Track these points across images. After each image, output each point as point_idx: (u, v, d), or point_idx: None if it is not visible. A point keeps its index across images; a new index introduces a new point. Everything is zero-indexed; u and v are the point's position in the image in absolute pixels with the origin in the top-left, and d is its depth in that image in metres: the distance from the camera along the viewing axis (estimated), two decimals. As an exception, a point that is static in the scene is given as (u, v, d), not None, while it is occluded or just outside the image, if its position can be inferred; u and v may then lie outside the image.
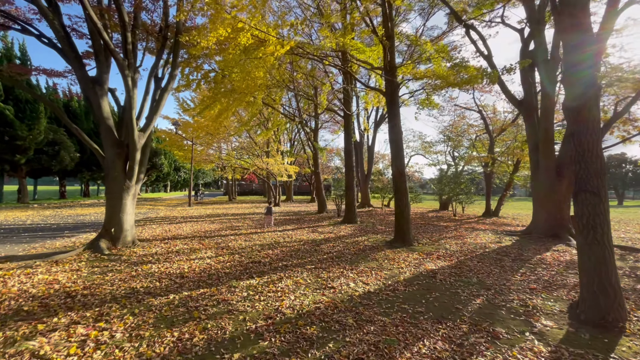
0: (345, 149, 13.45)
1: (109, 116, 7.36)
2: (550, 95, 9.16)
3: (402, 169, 8.36)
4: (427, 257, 6.96)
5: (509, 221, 14.74)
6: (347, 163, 13.29)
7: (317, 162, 18.01)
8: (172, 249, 7.51)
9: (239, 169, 33.21)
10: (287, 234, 10.10)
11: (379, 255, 7.06)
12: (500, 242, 8.83)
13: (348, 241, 8.85)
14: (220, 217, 15.20)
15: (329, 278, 5.32)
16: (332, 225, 12.27)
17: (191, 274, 5.52)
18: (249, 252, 7.36)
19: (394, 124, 8.35)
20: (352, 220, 12.91)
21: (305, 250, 7.56)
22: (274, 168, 24.75)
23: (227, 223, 12.88)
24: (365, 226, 12.11)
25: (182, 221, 13.49)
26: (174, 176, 51.87)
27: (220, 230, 10.75)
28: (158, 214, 17.00)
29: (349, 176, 13.22)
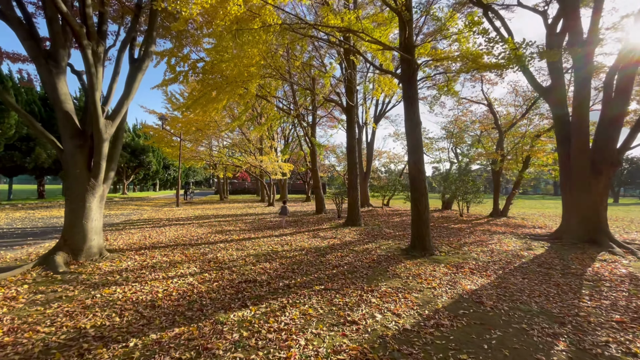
0: (348, 144, 12.21)
1: (68, 99, 5.97)
2: (586, 81, 8.07)
3: (421, 165, 7.16)
4: (457, 270, 5.78)
5: (520, 222, 13.73)
6: (350, 159, 12.06)
7: (315, 159, 16.74)
8: (148, 263, 6.17)
9: (231, 166, 31.82)
10: (285, 240, 8.83)
11: (399, 269, 5.85)
12: (531, 249, 7.72)
13: (357, 249, 7.63)
14: (210, 219, 13.83)
15: (346, 305, 4.08)
16: (334, 229, 11.04)
17: (166, 301, 4.22)
18: (241, 265, 6.07)
19: (412, 113, 7.14)
20: (356, 223, 11.70)
21: (310, 263, 6.30)
22: (267, 166, 23.40)
23: (217, 226, 11.54)
24: (371, 229, 10.90)
25: (166, 224, 12.09)
26: (163, 174, 50.01)
27: (209, 236, 9.41)
28: (142, 215, 15.54)
29: (352, 174, 11.99)
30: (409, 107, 7.14)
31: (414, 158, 7.17)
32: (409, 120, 7.19)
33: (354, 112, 12.14)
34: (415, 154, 7.17)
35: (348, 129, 12.12)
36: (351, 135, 12.02)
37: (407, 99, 7.19)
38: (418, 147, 7.17)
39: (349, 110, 12.02)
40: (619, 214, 19.57)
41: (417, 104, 7.19)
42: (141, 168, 39.94)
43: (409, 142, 7.28)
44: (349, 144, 12.11)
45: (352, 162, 12.00)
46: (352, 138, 12.02)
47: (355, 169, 11.99)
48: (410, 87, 7.10)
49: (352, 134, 12.02)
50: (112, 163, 6.78)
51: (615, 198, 42.38)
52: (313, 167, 16.82)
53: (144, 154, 38.26)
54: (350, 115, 12.02)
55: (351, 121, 12.01)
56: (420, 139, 7.24)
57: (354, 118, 12.13)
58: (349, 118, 12.06)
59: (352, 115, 12.03)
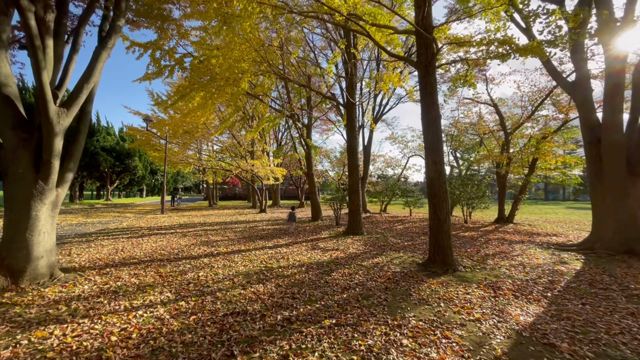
0: (348, 145, 11.15)
1: (9, 81, 4.74)
2: (619, 68, 7.20)
3: (441, 166, 6.11)
4: (495, 293, 4.70)
5: (530, 229, 12.83)
6: (351, 161, 10.99)
7: (311, 163, 15.64)
8: (110, 286, 4.92)
9: (220, 171, 30.50)
10: (281, 253, 7.65)
11: (423, 291, 4.75)
12: (565, 262, 6.72)
13: (366, 264, 6.50)
14: (196, 228, 12.53)
15: (370, 352, 2.95)
16: (334, 238, 9.90)
17: (120, 349, 3.02)
18: (228, 289, 4.88)
19: (430, 105, 6.12)
20: (358, 232, 10.59)
21: (312, 284, 5.15)
22: (259, 170, 22.22)
23: (203, 236, 10.27)
24: (376, 239, 9.80)
25: (146, 234, 10.77)
26: (150, 180, 48.17)
27: (192, 249, 8.16)
28: (121, 223, 14.12)
29: (353, 177, 10.91)
30: (427, 97, 6.12)
31: (434, 157, 6.11)
32: (427, 112, 6.15)
33: (354, 109, 11.12)
34: (434, 152, 6.13)
35: (348, 127, 11.08)
36: (352, 134, 10.96)
37: (424, 87, 6.16)
38: (437, 145, 6.13)
39: (349, 107, 10.99)
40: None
41: (436, 94, 6.17)
42: (127, 173, 38.16)
43: (426, 139, 6.24)
44: (350, 144, 11.05)
45: (353, 165, 10.93)
46: (353, 138, 10.97)
47: (356, 172, 10.92)
48: (428, 73, 6.08)
49: (353, 133, 10.97)
50: (70, 162, 5.54)
51: None
52: (309, 171, 15.70)
53: (129, 158, 36.55)
54: (350, 113, 10.98)
55: (352, 119, 10.97)
56: (440, 135, 6.21)
57: (355, 116, 11.10)
58: (349, 116, 11.02)
59: (352, 113, 10.99)
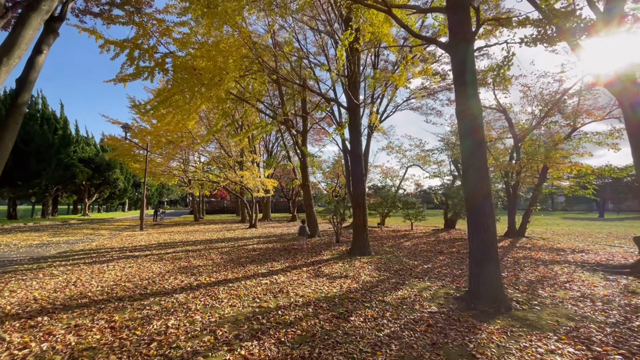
0: (352, 153, 9.82)
1: None
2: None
3: (485, 173, 4.81)
4: (589, 349, 3.32)
5: (547, 244, 11.66)
6: (355, 170, 9.65)
7: (306, 173, 14.25)
8: (30, 351, 3.32)
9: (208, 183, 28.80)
10: (278, 283, 6.13)
11: (487, 348, 3.33)
12: (636, 292, 5.44)
13: (390, 300, 5.05)
14: (176, 248, 10.85)
15: None
16: (339, 260, 8.43)
17: None
18: (206, 352, 3.35)
19: (470, 97, 4.85)
20: (365, 251, 9.15)
21: (328, 338, 3.66)
22: (248, 182, 20.69)
23: (182, 260, 8.64)
24: (388, 260, 8.38)
25: (115, 257, 9.06)
26: (133, 193, 45.79)
27: (166, 279, 6.56)
28: (91, 243, 12.30)
29: (358, 189, 9.54)
30: (466, 84, 4.84)
31: (476, 165, 4.80)
32: (464, 111, 4.87)
33: (358, 111, 9.84)
34: (476, 159, 4.82)
35: (351, 133, 9.78)
36: (356, 139, 9.66)
37: (460, 75, 4.90)
38: (479, 152, 4.84)
39: (352, 109, 9.72)
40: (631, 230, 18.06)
41: (475, 84, 4.91)
42: (107, 186, 35.88)
43: (466, 146, 4.93)
44: (353, 151, 9.72)
45: (358, 174, 9.59)
46: (357, 144, 9.66)
47: (362, 182, 9.57)
48: (465, 56, 4.83)
49: (358, 138, 9.67)
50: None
51: (600, 213, 42.08)
52: (304, 181, 14.28)
53: (109, 170, 34.40)
54: (354, 116, 9.70)
55: (356, 123, 9.68)
56: (484, 139, 4.91)
57: (359, 119, 9.82)
58: (352, 119, 9.74)
59: (356, 116, 9.71)
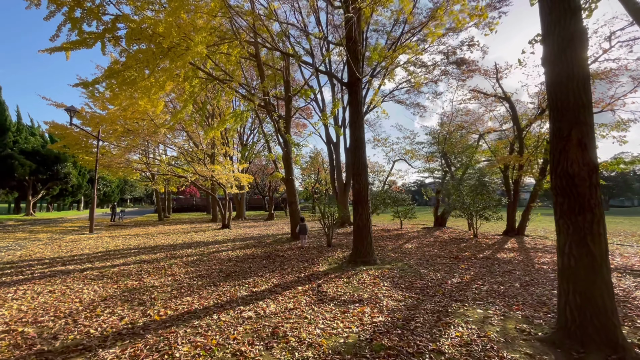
0: (352, 136, 8.00)
1: None
2: None
3: (592, 156, 3.18)
4: None
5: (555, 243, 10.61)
6: (356, 158, 7.84)
7: (290, 165, 12.28)
8: None
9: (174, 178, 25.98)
10: (267, 317, 4.18)
11: None
12: None
13: (449, 349, 3.31)
14: (127, 259, 8.53)
15: None
16: (341, 273, 6.61)
17: None
18: None
19: (577, 39, 3.18)
20: (370, 259, 7.40)
21: None
22: (221, 177, 18.37)
23: (132, 277, 6.44)
24: (402, 272, 6.68)
25: (38, 274, 6.66)
26: (89, 190, 41.29)
27: (96, 313, 4.40)
28: (17, 252, 9.60)
29: (361, 182, 7.76)
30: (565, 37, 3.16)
31: (580, 134, 3.15)
32: (568, 57, 3.20)
33: (359, 87, 8.04)
34: (582, 134, 3.17)
35: (352, 112, 7.96)
36: (357, 121, 7.86)
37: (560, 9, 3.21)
38: (583, 111, 3.19)
39: (352, 85, 7.90)
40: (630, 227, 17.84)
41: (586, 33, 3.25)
42: (56, 182, 31.64)
43: (565, 115, 3.27)
44: (354, 134, 7.90)
45: (360, 165, 7.80)
46: (358, 126, 7.86)
47: (365, 174, 7.80)
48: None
49: (359, 120, 7.87)
50: None
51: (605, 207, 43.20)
52: (287, 175, 12.31)
53: (59, 163, 30.30)
54: (355, 93, 7.90)
55: (357, 101, 7.88)
56: (590, 100, 3.27)
57: (360, 97, 8.01)
58: (353, 97, 7.93)
59: (357, 93, 7.91)
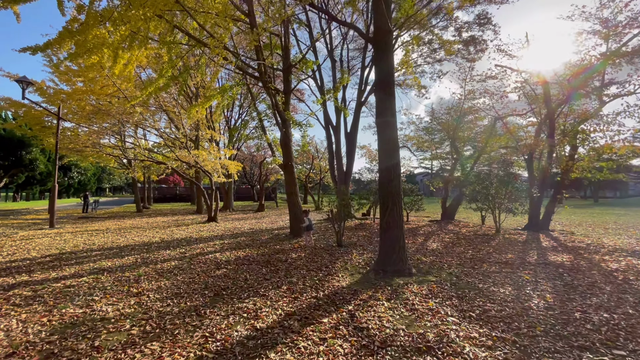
0: (381, 107, 6.12)
1: None
2: None
3: None
4: None
5: (597, 240, 9.26)
6: (386, 136, 6.02)
7: (289, 149, 10.38)
8: None
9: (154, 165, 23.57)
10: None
11: None
12: None
13: None
14: (82, 266, 6.54)
15: None
16: (374, 289, 4.85)
17: None
18: None
19: None
20: (403, 268, 5.67)
21: None
22: (206, 164, 16.29)
23: (78, 301, 4.50)
24: (455, 287, 5.00)
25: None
26: (61, 178, 38.09)
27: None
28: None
29: (391, 168, 5.96)
30: None
31: None
32: None
33: (390, 42, 6.14)
34: None
35: (381, 77, 6.09)
36: (387, 88, 6.00)
37: None
38: None
39: (380, 41, 6.01)
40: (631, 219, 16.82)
41: None
42: (20, 168, 28.53)
43: None
44: (384, 106, 6.03)
45: (391, 144, 5.99)
46: (388, 95, 6.01)
47: (397, 156, 6.02)
48: None
49: (390, 86, 6.02)
50: None
51: (595, 198, 42.64)
52: (286, 160, 10.41)
53: (23, 148, 27.20)
54: (383, 52, 6.02)
55: (387, 62, 6.01)
56: None
57: (390, 56, 6.13)
58: (381, 56, 6.05)
59: (387, 51, 6.03)
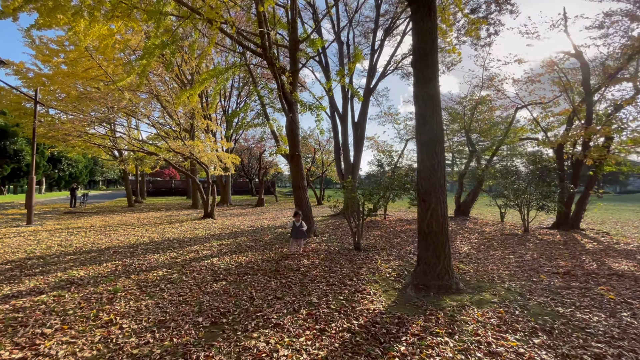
0: (422, 79, 4.88)
1: None
2: None
3: None
4: None
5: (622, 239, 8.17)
6: (426, 113, 4.78)
7: (296, 137, 9.13)
8: None
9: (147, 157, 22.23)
10: None
11: None
12: None
13: None
14: (47, 276, 5.29)
15: None
16: (423, 315, 3.66)
17: None
18: None
19: None
20: (449, 283, 4.48)
21: None
22: (202, 156, 15.01)
23: (21, 336, 3.28)
24: (526, 311, 3.83)
25: None
26: (50, 170, 36.56)
27: None
28: None
29: (435, 157, 4.72)
30: None
31: None
32: None
33: (434, 2, 4.86)
34: None
35: (420, 44, 4.83)
36: (429, 58, 4.75)
37: None
38: None
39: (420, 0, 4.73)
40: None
41: None
42: (5, 160, 26.96)
43: None
44: (425, 79, 4.79)
45: (435, 126, 4.76)
46: (431, 65, 4.76)
47: (441, 137, 4.79)
48: None
49: (433, 55, 4.76)
50: None
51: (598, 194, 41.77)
52: (292, 149, 9.16)
53: (6, 138, 25.64)
54: (425, 13, 4.74)
55: (430, 26, 4.75)
56: None
57: (433, 18, 4.84)
58: (421, 16, 4.78)
59: (431, 11, 4.75)
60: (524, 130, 13.90)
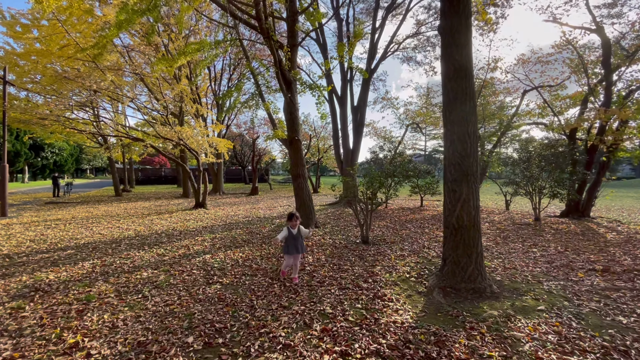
0: (451, 49, 4.12)
1: None
2: None
3: None
4: None
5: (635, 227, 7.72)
6: (457, 88, 4.05)
7: (295, 119, 8.31)
8: None
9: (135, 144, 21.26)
10: None
11: None
12: None
13: None
14: (7, 280, 4.52)
15: None
16: (461, 330, 3.04)
17: None
18: None
19: None
20: (482, 286, 3.86)
21: None
22: (191, 141, 14.07)
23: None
24: (602, 332, 3.22)
25: None
26: (32, 158, 35.00)
27: None
28: None
29: (467, 142, 4.02)
30: None
31: None
32: None
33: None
34: None
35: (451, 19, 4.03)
36: (460, 31, 3.97)
37: None
38: None
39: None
40: None
41: None
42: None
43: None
44: (457, 50, 4.03)
45: (467, 104, 4.03)
46: (465, 44, 3.98)
47: (474, 117, 4.08)
48: None
49: (465, 31, 3.98)
50: None
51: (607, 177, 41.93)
52: (291, 133, 8.36)
53: (-18, 124, 24.03)
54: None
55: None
56: None
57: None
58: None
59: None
60: (531, 114, 13.27)
